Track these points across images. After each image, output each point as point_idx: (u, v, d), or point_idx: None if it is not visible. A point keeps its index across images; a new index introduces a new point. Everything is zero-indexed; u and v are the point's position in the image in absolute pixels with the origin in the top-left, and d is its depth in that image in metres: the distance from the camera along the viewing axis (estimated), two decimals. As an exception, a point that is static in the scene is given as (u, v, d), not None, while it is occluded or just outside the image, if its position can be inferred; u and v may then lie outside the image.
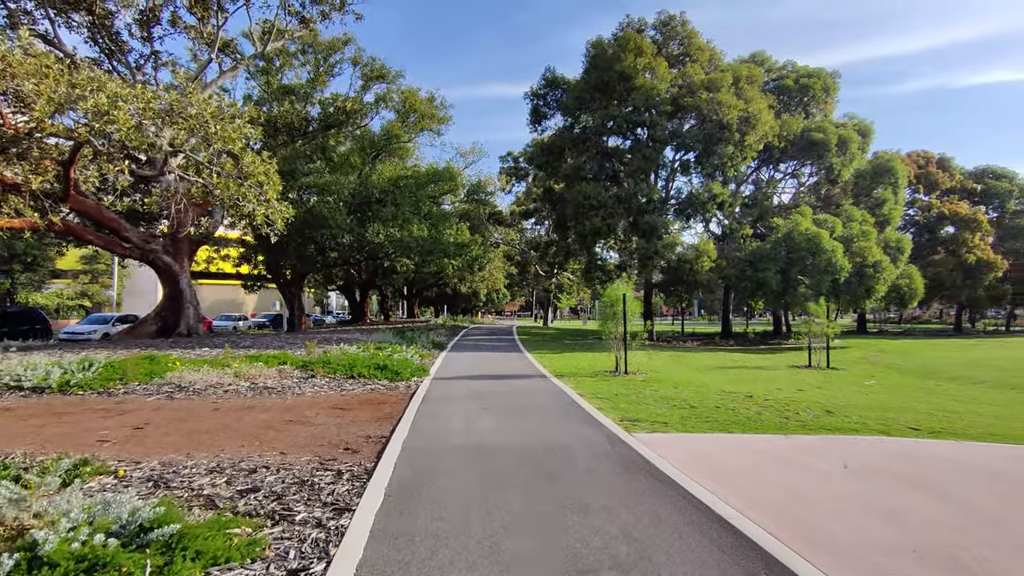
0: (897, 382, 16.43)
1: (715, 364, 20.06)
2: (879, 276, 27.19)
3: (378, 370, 13.83)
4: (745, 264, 26.83)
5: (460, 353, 21.65)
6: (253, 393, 11.25)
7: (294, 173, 29.77)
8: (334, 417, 9.14)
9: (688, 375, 15.93)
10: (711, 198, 27.50)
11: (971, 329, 58.60)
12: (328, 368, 13.83)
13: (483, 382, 13.37)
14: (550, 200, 36.22)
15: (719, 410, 9.97)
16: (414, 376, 13.99)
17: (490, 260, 49.06)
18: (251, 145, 18.43)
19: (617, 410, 9.90)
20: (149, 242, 22.60)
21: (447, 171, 33.88)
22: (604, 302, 15.71)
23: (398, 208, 30.87)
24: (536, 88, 33.29)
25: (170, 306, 23.32)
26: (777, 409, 10.19)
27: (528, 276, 62.97)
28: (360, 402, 10.62)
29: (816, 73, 32.06)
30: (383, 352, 17.72)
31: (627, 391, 12.16)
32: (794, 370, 18.67)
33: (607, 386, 12.93)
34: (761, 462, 6.55)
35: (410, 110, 32.48)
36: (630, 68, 26.87)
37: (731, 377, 16.00)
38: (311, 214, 30.77)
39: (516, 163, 55.28)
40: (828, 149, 29.34)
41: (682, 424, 8.75)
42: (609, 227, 27.62)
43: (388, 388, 12.38)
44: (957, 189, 51.81)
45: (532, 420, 8.86)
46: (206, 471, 6.03)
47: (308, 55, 32.53)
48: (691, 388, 12.82)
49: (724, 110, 26.12)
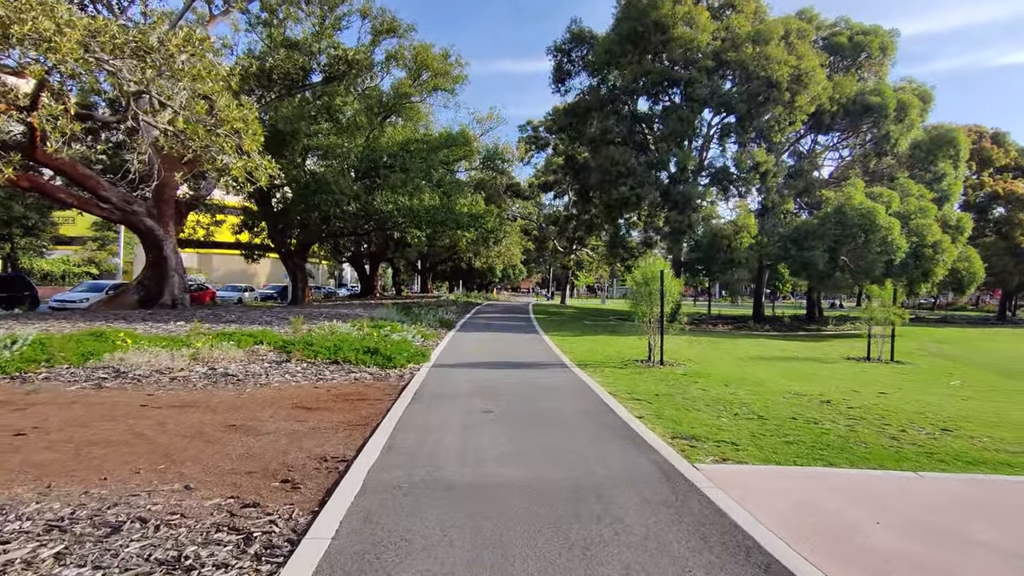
0: (984, 381, 13.86)
1: (759, 354, 17.59)
2: (938, 258, 24.29)
3: (368, 354, 11.62)
4: (788, 241, 24.05)
5: (469, 334, 19.43)
6: (206, 382, 9.11)
7: (296, 134, 27.44)
8: (293, 421, 6.96)
9: (735, 368, 13.53)
10: (754, 167, 24.55)
11: (1014, 318, 55.06)
12: (309, 351, 11.66)
13: (492, 372, 11.11)
14: (573, 169, 33.49)
15: (797, 422, 7.61)
16: (410, 362, 11.79)
17: (507, 234, 46.55)
18: (237, 93, 16.19)
19: (663, 419, 7.58)
20: (131, 203, 20.51)
21: (461, 135, 31.25)
22: (636, 279, 13.30)
23: (408, 174, 28.45)
24: (560, 43, 30.23)
25: (153, 274, 21.34)
26: (873, 422, 7.80)
27: (546, 252, 60.41)
28: (334, 398, 8.42)
29: (873, 31, 28.63)
30: (380, 331, 15.54)
31: (669, 389, 9.82)
32: (853, 363, 16.16)
33: (643, 382, 10.59)
34: (915, 529, 4.19)
35: (422, 67, 29.78)
36: (667, 16, 23.78)
37: (786, 372, 13.56)
38: (315, 179, 28.53)
39: (536, 132, 52.40)
40: (886, 115, 26.12)
41: (757, 446, 6.41)
42: (638, 197, 24.89)
43: (375, 378, 10.19)
44: (1011, 167, 47.99)
45: (553, 435, 6.58)
46: (43, 528, 3.83)
47: (312, 5, 29.92)
48: (747, 387, 10.43)
49: (773, 66, 23.02)
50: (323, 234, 32.87)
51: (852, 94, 26.64)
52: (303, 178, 29.28)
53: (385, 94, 30.58)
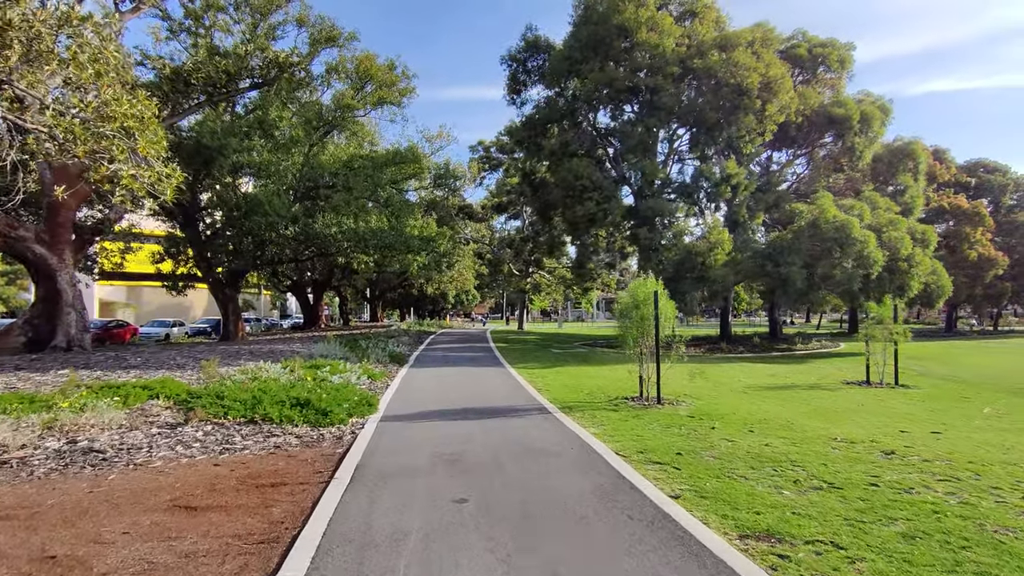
0: (1011, 405, 12.33)
1: (755, 382, 15.76)
2: (913, 271, 23.43)
3: (296, 408, 9.05)
4: (762, 257, 22.67)
5: (425, 370, 16.91)
6: (53, 466, 6.39)
7: (224, 149, 24.53)
8: (158, 539, 4.42)
9: (743, 403, 11.55)
10: (724, 179, 23.21)
11: (961, 330, 56.23)
12: (218, 407, 8.97)
13: (457, 426, 8.72)
14: (531, 186, 31.59)
15: (885, 493, 5.56)
16: (353, 415, 9.28)
17: (460, 257, 44.15)
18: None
19: (708, 498, 5.40)
20: (15, 227, 17.18)
21: (410, 151, 28.87)
22: (625, 302, 11.24)
23: (351, 193, 25.88)
24: (514, 51, 28.47)
25: (44, 311, 17.91)
26: (971, 482, 5.83)
27: (500, 276, 58.23)
28: (239, 484, 5.87)
29: (830, 43, 28.18)
30: (317, 373, 12.91)
31: (689, 443, 7.67)
32: (857, 388, 14.51)
33: (650, 431, 8.42)
34: None
35: (366, 78, 27.42)
36: (631, 20, 22.29)
37: (804, 407, 11.67)
38: (246, 199, 25.58)
39: (487, 152, 50.68)
40: (850, 127, 25.46)
41: (869, 547, 4.29)
42: (605, 212, 23.11)
43: (304, 443, 7.66)
44: (952, 183, 49.38)
45: (567, 546, 4.27)
46: None
47: (243, 12, 27.25)
48: (777, 432, 8.40)
49: (743, 72, 21.80)
50: (257, 261, 29.66)
51: (815, 105, 25.87)
52: (233, 199, 26.30)
53: (325, 107, 27.98)
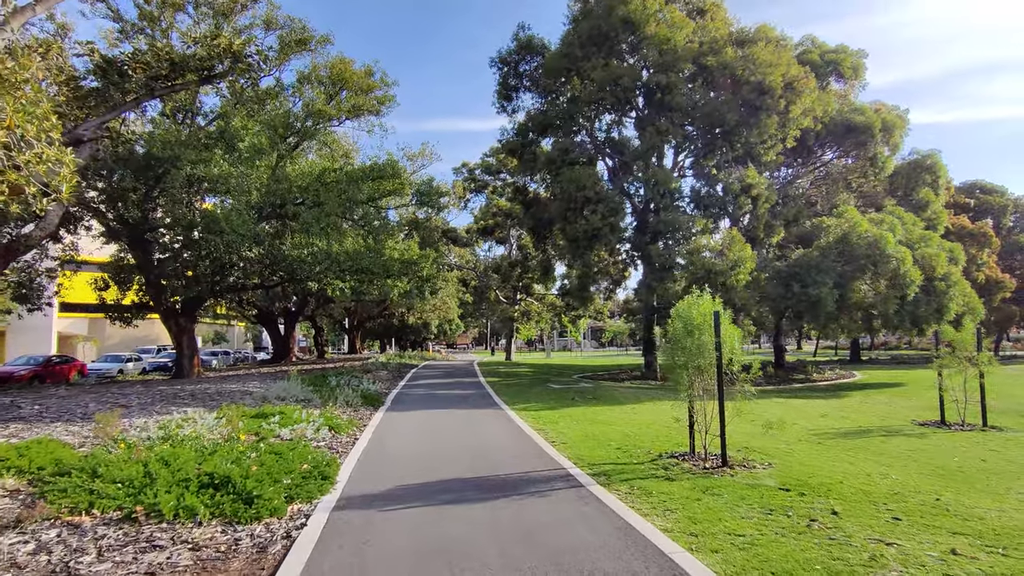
0: None
1: (811, 424, 12.90)
2: (951, 292, 21.06)
3: (208, 491, 5.98)
4: (789, 277, 20.10)
5: (405, 414, 13.80)
6: None
7: (177, 161, 21.59)
8: None
9: (828, 461, 8.68)
10: (744, 189, 20.76)
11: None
12: (82, 492, 5.86)
13: (453, 519, 5.71)
14: (523, 203, 28.95)
15: None
16: (295, 498, 6.23)
17: (444, 284, 41.08)
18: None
19: None
20: (-100, 245, 13.96)
21: (389, 165, 26.10)
22: (676, 328, 8.41)
23: (322, 209, 22.95)
24: (505, 53, 26.06)
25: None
26: None
27: (484, 304, 55.18)
28: None
29: (841, 50, 26.32)
30: (262, 424, 9.78)
31: (826, 552, 4.74)
32: (935, 431, 11.73)
33: (747, 522, 5.48)
34: None
35: (340, 84, 24.79)
36: (638, 13, 19.97)
37: (905, 464, 8.80)
38: (203, 217, 22.54)
39: (472, 175, 48.29)
40: (872, 135, 23.36)
41: None
42: (612, 227, 20.44)
43: (201, 565, 4.58)
44: (951, 204, 47.96)
45: None
46: None
47: (203, 11, 24.58)
48: (937, 520, 5.52)
49: (764, 69, 19.54)
50: (216, 287, 26.35)
51: (832, 112, 23.72)
52: (187, 217, 23.18)
53: (294, 114, 25.16)
